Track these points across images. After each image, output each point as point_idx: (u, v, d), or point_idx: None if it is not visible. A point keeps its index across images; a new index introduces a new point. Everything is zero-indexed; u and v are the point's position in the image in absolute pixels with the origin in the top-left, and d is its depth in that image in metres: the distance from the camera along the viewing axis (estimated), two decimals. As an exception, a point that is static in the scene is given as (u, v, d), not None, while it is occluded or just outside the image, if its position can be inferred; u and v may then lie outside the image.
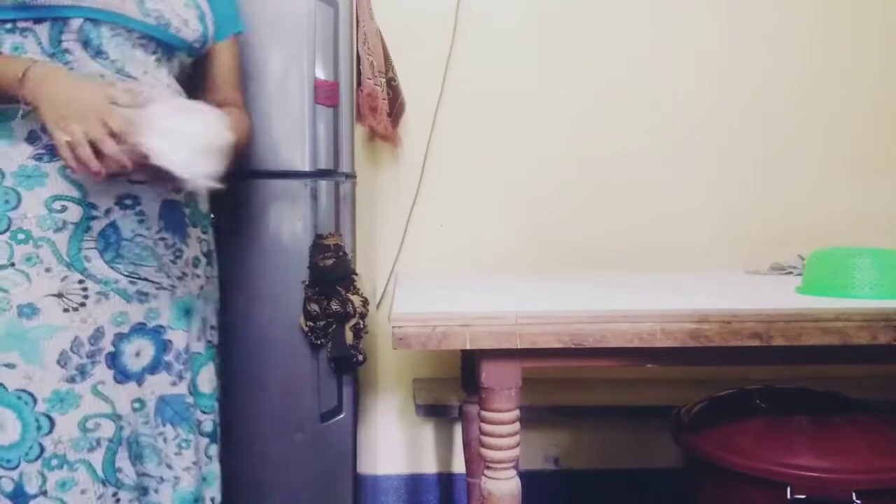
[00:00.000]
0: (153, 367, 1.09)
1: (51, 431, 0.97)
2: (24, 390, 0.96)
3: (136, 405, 1.07)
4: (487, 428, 1.09)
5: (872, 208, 2.06)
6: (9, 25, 0.99)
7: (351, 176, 1.56)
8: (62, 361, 0.98)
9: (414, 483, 2.08)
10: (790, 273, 1.68)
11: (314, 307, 1.45)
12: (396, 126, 1.95)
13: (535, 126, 2.01)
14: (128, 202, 1.04)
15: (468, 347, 1.05)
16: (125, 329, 1.05)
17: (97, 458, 1.00)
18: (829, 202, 2.06)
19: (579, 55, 2.01)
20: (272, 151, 1.47)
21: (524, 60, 2.01)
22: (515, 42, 2.01)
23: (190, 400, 1.15)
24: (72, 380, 0.98)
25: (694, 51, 2.03)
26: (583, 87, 2.01)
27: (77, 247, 0.99)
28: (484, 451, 1.09)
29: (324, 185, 1.50)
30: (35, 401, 0.96)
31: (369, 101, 1.81)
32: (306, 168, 1.47)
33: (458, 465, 2.02)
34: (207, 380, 1.20)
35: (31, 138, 0.99)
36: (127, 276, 1.04)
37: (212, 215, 1.27)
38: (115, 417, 1.03)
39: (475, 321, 1.05)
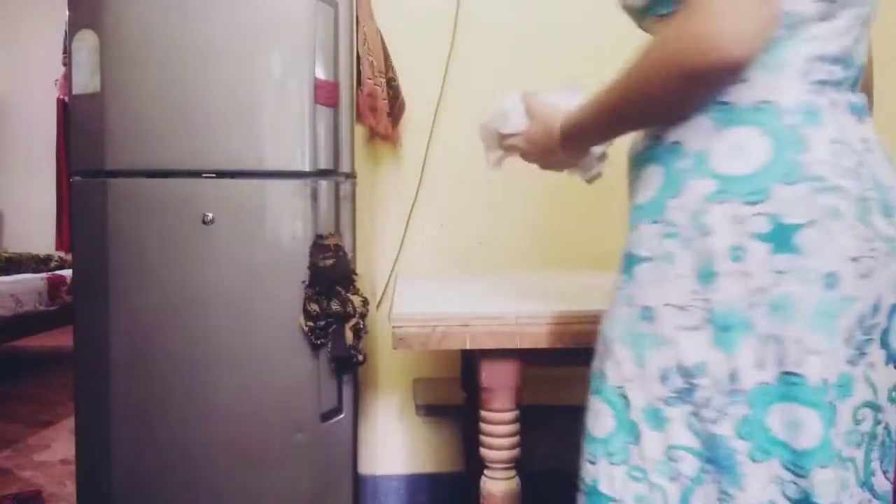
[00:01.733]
0: None
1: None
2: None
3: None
4: (487, 428, 1.09)
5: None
6: None
7: (351, 176, 1.56)
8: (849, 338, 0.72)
9: (414, 483, 2.08)
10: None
11: (314, 307, 1.45)
12: (396, 126, 1.96)
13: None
14: None
15: (468, 347, 1.05)
16: None
17: (859, 457, 0.75)
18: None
19: (579, 55, 2.00)
20: (272, 151, 1.47)
21: (524, 60, 2.00)
22: (515, 42, 2.01)
23: None
24: (851, 361, 0.73)
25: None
26: (582, 86, 2.01)
27: None
28: (484, 451, 1.10)
29: (324, 185, 1.50)
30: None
31: (369, 101, 1.81)
32: (306, 168, 1.48)
33: (458, 466, 2.02)
34: None
35: None
36: None
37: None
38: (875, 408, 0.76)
39: (475, 321, 1.05)
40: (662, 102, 0.73)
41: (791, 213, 0.68)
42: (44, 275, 3.79)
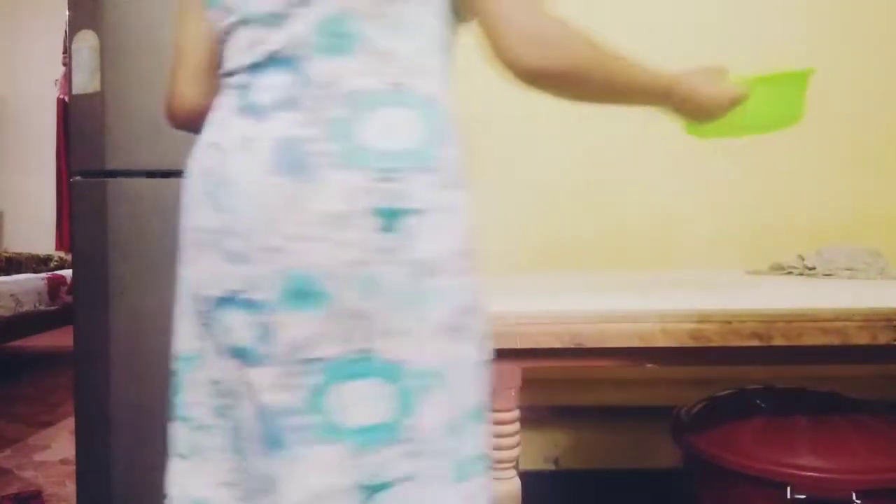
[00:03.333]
0: None
1: None
2: None
3: None
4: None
5: (872, 208, 2.06)
6: None
7: (351, 176, 1.56)
8: None
9: (414, 483, 2.08)
10: (790, 273, 1.68)
11: (314, 307, 1.45)
12: (396, 126, 1.95)
13: (534, 126, 2.01)
14: None
15: (468, 347, 1.05)
16: None
17: (228, 426, 0.85)
18: (829, 202, 2.06)
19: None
20: (272, 151, 1.47)
21: (524, 60, 2.00)
22: (515, 42, 2.01)
23: None
24: (200, 338, 0.85)
25: (694, 48, 2.03)
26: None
27: None
28: (484, 451, 1.09)
29: (324, 185, 1.50)
30: None
31: (369, 101, 1.81)
32: (306, 168, 1.47)
33: (458, 465, 2.02)
34: None
35: None
36: None
37: None
38: None
39: (475, 321, 1.04)
40: None
41: None
42: (44, 275, 3.79)
